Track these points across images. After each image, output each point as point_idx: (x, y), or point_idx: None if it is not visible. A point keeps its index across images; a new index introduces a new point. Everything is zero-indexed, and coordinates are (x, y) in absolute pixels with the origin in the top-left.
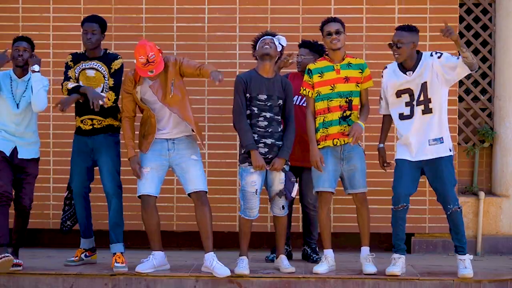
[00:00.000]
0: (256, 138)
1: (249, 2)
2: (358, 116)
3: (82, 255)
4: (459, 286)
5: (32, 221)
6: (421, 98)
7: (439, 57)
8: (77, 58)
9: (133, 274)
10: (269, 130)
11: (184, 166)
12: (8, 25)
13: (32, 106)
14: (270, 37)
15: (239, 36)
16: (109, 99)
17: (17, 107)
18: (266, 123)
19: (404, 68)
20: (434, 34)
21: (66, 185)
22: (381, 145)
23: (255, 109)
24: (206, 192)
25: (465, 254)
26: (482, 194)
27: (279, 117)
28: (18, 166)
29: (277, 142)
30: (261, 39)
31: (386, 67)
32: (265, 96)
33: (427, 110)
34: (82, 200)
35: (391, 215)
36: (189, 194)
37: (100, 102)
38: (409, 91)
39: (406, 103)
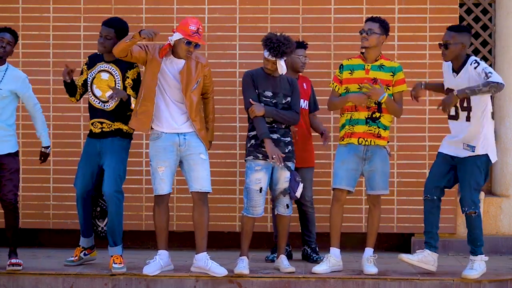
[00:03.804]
0: None
1: (249, 2)
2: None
3: (81, 254)
4: (459, 286)
5: (32, 221)
6: (465, 104)
7: (475, 68)
8: (93, 61)
9: (133, 274)
10: (274, 126)
11: (192, 163)
12: (8, 25)
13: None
14: (274, 59)
15: (239, 36)
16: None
17: None
18: (271, 119)
19: (453, 68)
20: (434, 34)
21: (68, 185)
22: (424, 84)
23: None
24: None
25: (476, 255)
26: (482, 194)
27: None
28: None
29: (282, 138)
30: (267, 56)
31: None
32: (271, 93)
33: (468, 119)
34: (82, 202)
35: (394, 215)
36: (191, 192)
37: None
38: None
39: None
